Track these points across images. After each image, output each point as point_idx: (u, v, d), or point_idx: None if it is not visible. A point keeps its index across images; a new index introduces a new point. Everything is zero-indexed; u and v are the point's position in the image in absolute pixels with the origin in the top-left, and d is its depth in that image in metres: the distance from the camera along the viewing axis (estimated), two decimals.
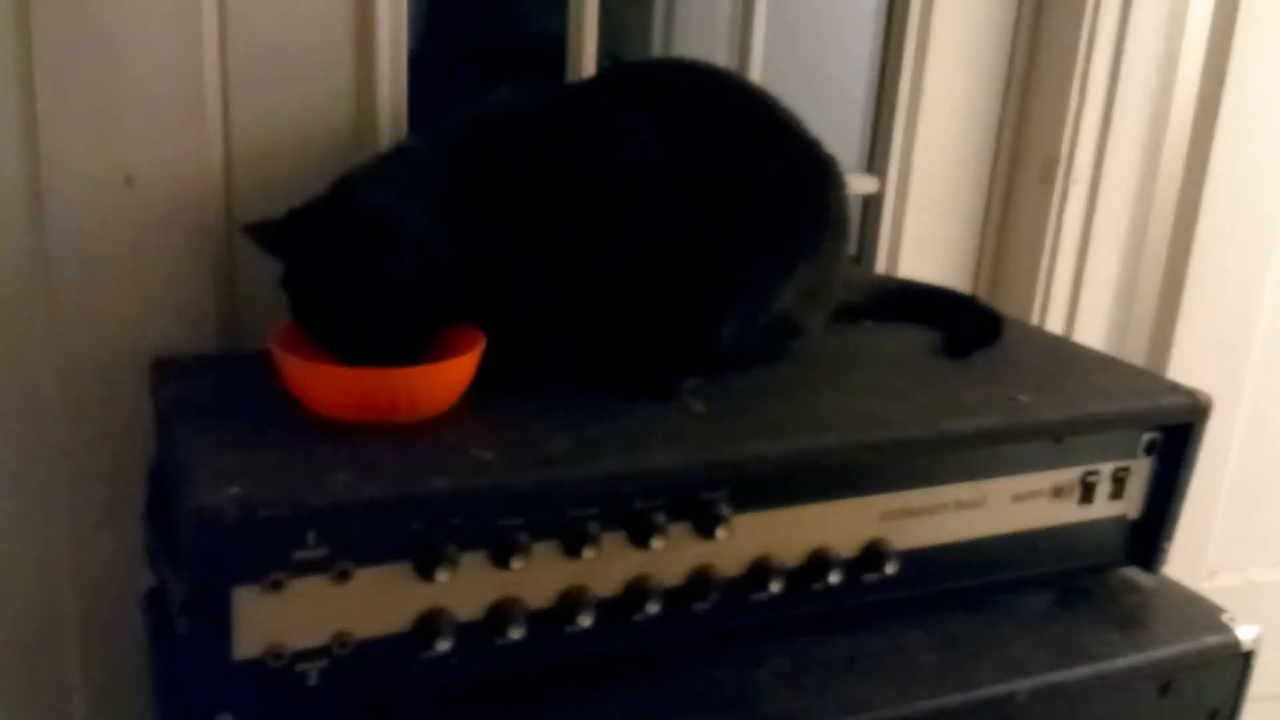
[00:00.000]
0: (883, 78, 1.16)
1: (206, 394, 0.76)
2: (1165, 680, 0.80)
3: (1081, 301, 1.22)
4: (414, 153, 0.79)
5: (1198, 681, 0.82)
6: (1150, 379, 0.91)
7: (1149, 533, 0.88)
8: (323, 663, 0.64)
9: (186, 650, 0.63)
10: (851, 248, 1.11)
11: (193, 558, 0.60)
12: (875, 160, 1.18)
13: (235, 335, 0.88)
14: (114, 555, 0.87)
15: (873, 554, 0.78)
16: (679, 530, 0.71)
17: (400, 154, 0.80)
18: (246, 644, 0.62)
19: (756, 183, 0.82)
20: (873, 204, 1.18)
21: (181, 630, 0.64)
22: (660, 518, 0.70)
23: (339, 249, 0.72)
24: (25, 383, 0.84)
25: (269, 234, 0.75)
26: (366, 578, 0.64)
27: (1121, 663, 0.79)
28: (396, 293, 0.72)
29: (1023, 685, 0.75)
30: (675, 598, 0.72)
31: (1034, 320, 1.20)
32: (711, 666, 0.74)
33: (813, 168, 0.86)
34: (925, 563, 0.80)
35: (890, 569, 0.78)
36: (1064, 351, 0.98)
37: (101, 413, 0.85)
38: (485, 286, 0.76)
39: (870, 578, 0.78)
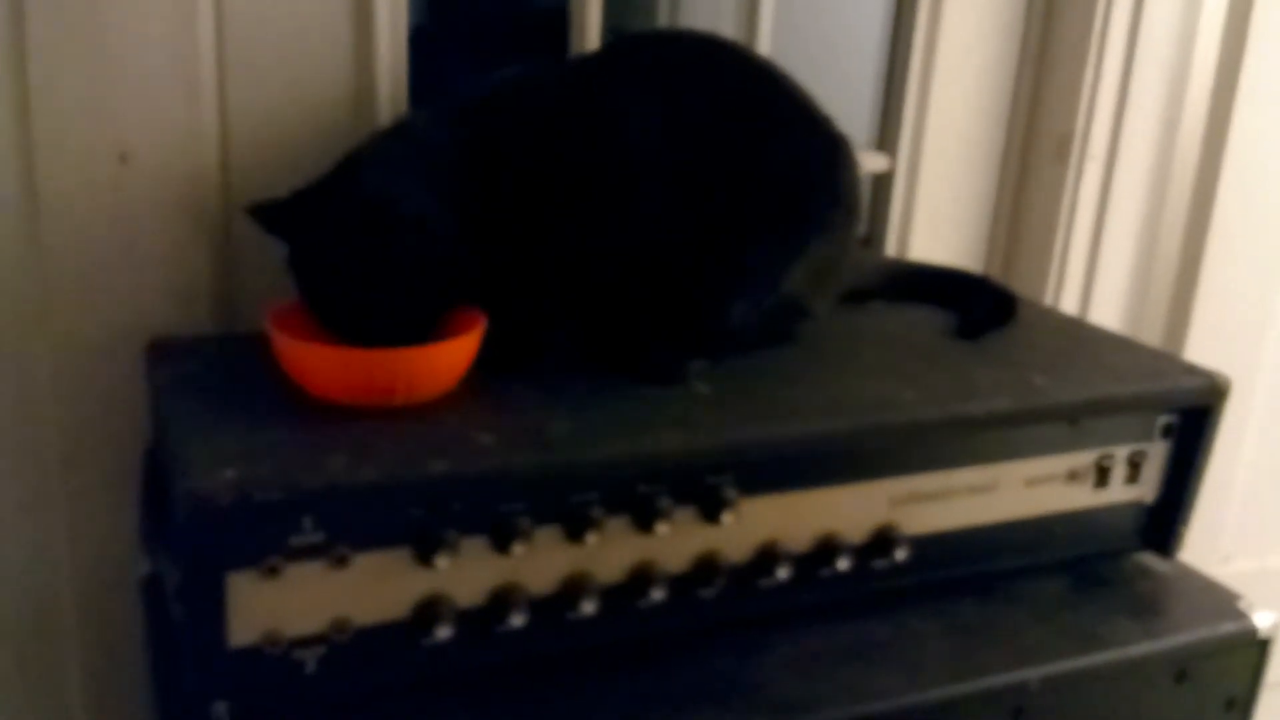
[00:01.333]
0: (894, 51, 1.14)
1: (202, 376, 0.75)
2: (1180, 668, 0.79)
3: (1097, 282, 1.20)
4: (418, 133, 0.78)
5: (1214, 669, 0.81)
6: (1167, 361, 0.90)
7: (1165, 517, 0.87)
8: (320, 650, 0.63)
9: (182, 637, 0.62)
10: (862, 227, 1.10)
11: (187, 543, 0.59)
12: (886, 137, 1.16)
13: (232, 316, 0.87)
14: (110, 540, 0.86)
15: (882, 540, 0.76)
16: (684, 515, 0.70)
17: (405, 134, 0.79)
18: (242, 631, 0.61)
19: (765, 162, 0.81)
20: (883, 182, 1.16)
21: (176, 617, 0.63)
22: (665, 502, 0.69)
23: (342, 232, 0.71)
24: (19, 365, 0.83)
25: (272, 215, 0.74)
26: (365, 563, 0.63)
27: (1136, 650, 0.78)
28: (400, 277, 0.71)
29: (1035, 673, 0.74)
30: (680, 584, 0.71)
31: (1048, 301, 1.19)
32: (717, 654, 0.73)
33: (823, 147, 0.84)
34: (936, 548, 0.79)
35: (900, 555, 0.77)
36: (1079, 333, 0.97)
37: (96, 395, 0.84)
38: (489, 269, 0.75)
39: (880, 564, 0.77)
